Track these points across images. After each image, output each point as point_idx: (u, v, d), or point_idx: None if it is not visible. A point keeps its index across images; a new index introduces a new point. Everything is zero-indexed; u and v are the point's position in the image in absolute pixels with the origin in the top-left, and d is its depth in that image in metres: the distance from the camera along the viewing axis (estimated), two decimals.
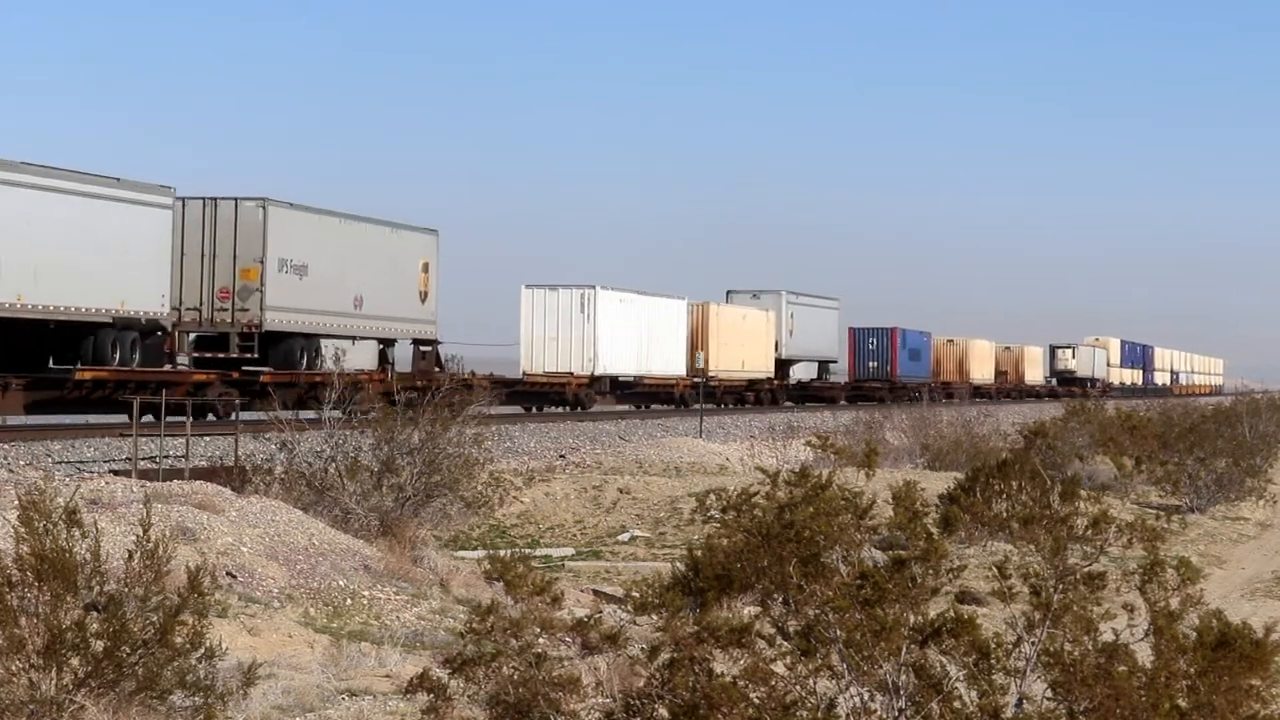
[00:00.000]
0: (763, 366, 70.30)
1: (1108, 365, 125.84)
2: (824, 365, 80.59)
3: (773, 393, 71.54)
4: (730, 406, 65.65)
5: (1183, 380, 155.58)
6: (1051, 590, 8.87)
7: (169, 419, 28.95)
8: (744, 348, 68.08)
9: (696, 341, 64.74)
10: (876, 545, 12.82)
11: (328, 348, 38.94)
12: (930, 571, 9.06)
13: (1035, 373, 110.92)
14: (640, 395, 61.70)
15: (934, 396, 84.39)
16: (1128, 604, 8.98)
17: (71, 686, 9.26)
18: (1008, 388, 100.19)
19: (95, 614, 9.44)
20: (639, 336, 59.08)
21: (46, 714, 9.17)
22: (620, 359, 57.38)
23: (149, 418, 29.59)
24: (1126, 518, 17.28)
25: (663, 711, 8.80)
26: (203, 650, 9.62)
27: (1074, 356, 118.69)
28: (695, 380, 61.92)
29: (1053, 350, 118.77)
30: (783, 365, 73.65)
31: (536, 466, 30.65)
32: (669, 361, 61.88)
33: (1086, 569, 9.28)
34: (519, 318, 56.88)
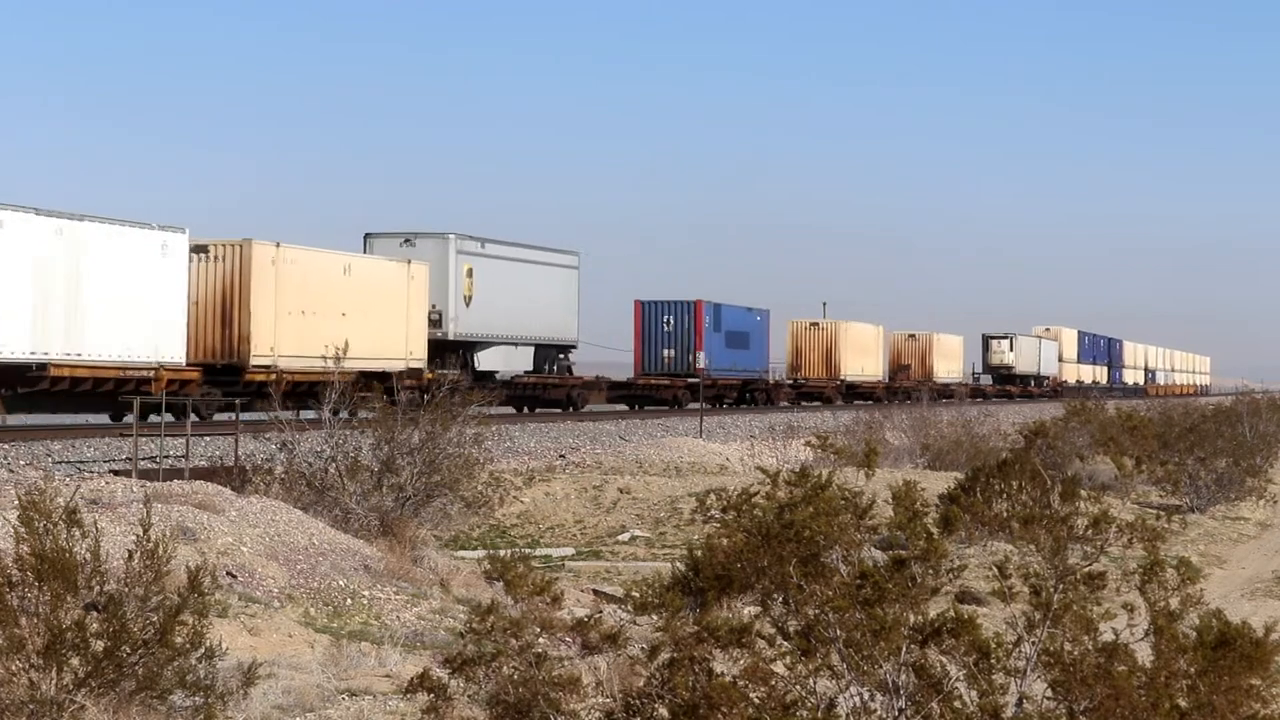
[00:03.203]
0: (396, 350, 42.95)
1: (1059, 360, 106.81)
2: (548, 351, 53.26)
3: (422, 391, 37.47)
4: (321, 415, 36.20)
5: (1160, 379, 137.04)
6: (1051, 590, 8.87)
7: (168, 419, 28.95)
8: (351, 320, 40.24)
9: (230, 306, 38.18)
10: (876, 545, 12.79)
11: None
12: (930, 571, 9.05)
13: (950, 367, 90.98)
14: (58, 398, 33.54)
15: (771, 397, 65.77)
16: (1128, 604, 8.98)
17: (71, 686, 9.26)
18: (907, 386, 76.28)
19: (95, 614, 9.44)
20: (44, 293, 32.25)
21: (46, 714, 9.17)
22: None
23: (154, 417, 29.56)
24: (1126, 518, 17.23)
25: (663, 711, 8.80)
26: (203, 650, 9.62)
27: (1012, 349, 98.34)
28: (227, 367, 37.60)
29: (985, 341, 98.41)
30: (452, 349, 47.26)
31: (536, 466, 30.67)
32: (132, 340, 34.33)
33: (1086, 569, 9.28)
34: None
